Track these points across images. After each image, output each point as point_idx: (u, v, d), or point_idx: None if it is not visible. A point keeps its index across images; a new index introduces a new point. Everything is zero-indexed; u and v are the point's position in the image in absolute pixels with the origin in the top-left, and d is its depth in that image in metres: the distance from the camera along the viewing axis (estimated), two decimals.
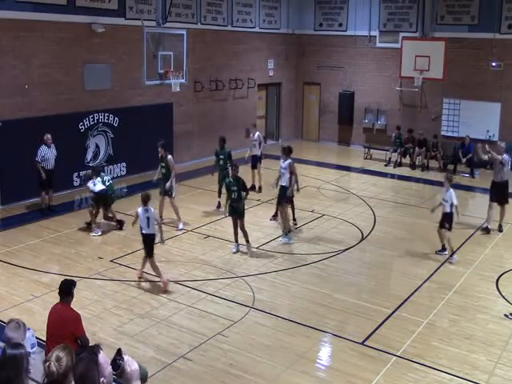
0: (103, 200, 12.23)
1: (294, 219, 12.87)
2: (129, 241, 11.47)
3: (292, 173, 12.16)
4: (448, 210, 10.94)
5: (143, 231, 9.62)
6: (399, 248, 11.63)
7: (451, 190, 10.96)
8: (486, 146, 13.35)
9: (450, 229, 11.03)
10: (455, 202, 10.92)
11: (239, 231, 11.18)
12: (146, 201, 9.61)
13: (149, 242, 9.62)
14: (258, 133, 15.62)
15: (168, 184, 12.29)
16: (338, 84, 22.18)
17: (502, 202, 12.84)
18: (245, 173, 13.13)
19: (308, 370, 7.23)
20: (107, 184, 12.26)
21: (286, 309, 8.87)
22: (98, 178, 12.24)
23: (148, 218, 9.52)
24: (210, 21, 18.85)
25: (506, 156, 12.67)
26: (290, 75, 23.12)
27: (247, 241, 11.15)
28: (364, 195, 15.49)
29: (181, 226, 12.45)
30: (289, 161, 12.20)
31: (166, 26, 16.20)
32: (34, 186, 13.15)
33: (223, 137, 14.06)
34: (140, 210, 9.60)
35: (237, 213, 11.12)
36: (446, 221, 11.01)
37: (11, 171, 13.25)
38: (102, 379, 3.20)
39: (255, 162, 15.38)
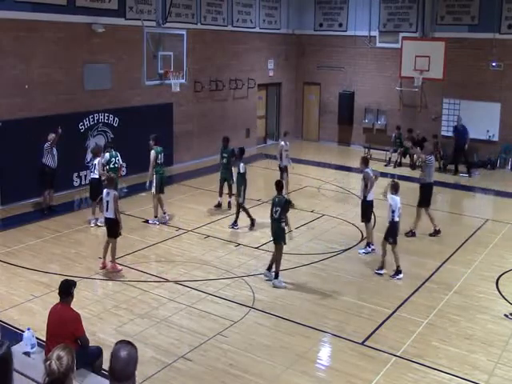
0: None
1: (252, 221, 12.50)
2: (129, 241, 11.46)
3: (366, 185, 11.14)
4: (394, 218, 9.98)
5: (104, 214, 10.06)
6: (399, 248, 11.59)
7: (394, 196, 10.05)
8: (409, 143, 13.47)
9: (394, 242, 10.08)
10: (395, 208, 9.94)
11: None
12: (108, 184, 10.12)
13: (110, 225, 9.95)
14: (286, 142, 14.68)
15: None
16: (338, 84, 22.18)
17: (422, 204, 12.25)
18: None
19: (308, 370, 7.23)
20: (112, 166, 12.24)
21: (285, 309, 8.86)
22: (106, 155, 12.34)
23: (107, 202, 9.88)
24: (209, 21, 18.85)
25: (430, 157, 12.25)
26: (290, 75, 23.12)
27: (274, 272, 9.77)
28: None
29: (152, 220, 12.62)
30: (365, 170, 11.19)
31: (166, 26, 16.22)
32: (34, 186, 13.18)
33: (227, 136, 13.96)
34: (104, 191, 10.05)
35: (272, 235, 9.91)
36: (389, 232, 10.06)
37: (11, 171, 13.25)
38: None
39: (283, 172, 14.56)
